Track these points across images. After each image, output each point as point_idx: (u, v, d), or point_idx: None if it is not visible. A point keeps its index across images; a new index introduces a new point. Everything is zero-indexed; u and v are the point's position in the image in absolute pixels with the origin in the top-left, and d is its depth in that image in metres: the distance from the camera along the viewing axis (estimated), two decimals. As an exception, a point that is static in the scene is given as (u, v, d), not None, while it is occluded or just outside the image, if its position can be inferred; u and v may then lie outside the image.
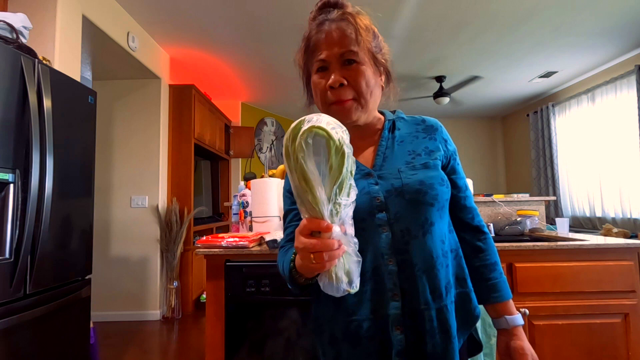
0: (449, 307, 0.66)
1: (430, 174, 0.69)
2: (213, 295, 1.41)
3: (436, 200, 0.67)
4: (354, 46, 0.67)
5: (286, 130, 0.61)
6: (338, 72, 0.68)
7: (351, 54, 0.68)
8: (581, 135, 4.35)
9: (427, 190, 0.66)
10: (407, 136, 0.76)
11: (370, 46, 0.70)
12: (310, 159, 0.50)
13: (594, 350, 1.40)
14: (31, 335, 1.42)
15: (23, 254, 1.36)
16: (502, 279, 0.77)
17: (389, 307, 0.64)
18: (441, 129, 0.79)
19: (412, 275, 0.65)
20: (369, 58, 0.70)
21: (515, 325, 0.74)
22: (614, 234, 3.37)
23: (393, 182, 0.68)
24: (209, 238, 1.48)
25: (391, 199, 0.67)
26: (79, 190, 1.75)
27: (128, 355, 2.55)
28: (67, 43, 2.18)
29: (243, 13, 2.83)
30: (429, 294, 0.65)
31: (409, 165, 0.71)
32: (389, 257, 0.65)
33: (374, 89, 0.70)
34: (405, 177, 0.68)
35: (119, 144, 3.42)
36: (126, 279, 3.33)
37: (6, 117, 1.33)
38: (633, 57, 3.65)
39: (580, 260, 1.44)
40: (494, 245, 0.80)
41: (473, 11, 2.85)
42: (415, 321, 0.64)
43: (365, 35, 0.69)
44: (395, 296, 0.64)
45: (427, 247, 0.66)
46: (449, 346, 0.65)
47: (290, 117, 6.09)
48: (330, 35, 0.68)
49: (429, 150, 0.74)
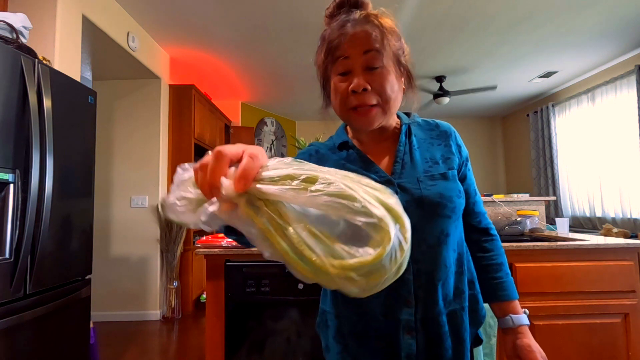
0: (460, 311, 0.68)
1: (449, 186, 0.68)
2: (213, 295, 1.41)
3: (454, 213, 0.67)
4: (379, 50, 0.64)
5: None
6: (362, 76, 0.64)
7: (376, 59, 0.64)
8: (581, 135, 4.35)
9: (446, 203, 0.66)
10: (423, 142, 0.75)
11: (395, 49, 0.68)
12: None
13: (594, 351, 1.40)
14: (31, 335, 1.42)
15: (23, 254, 1.36)
16: (508, 279, 0.78)
17: (402, 312, 0.65)
18: (455, 135, 0.77)
19: (426, 284, 0.65)
20: (393, 62, 0.67)
21: (521, 324, 0.74)
22: (614, 234, 3.37)
23: (413, 193, 0.67)
24: (209, 238, 1.48)
25: (410, 210, 0.65)
26: (79, 190, 1.75)
27: (128, 355, 2.55)
28: (67, 43, 2.18)
29: (243, 13, 2.83)
30: (441, 300, 0.66)
31: (428, 174, 0.69)
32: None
33: (397, 94, 0.68)
34: (424, 188, 0.67)
35: (119, 144, 3.42)
36: (126, 279, 3.32)
37: (6, 117, 1.33)
38: (633, 57, 3.65)
39: (580, 260, 1.44)
40: (501, 247, 0.81)
41: (473, 11, 2.85)
42: (426, 327, 0.65)
43: (391, 38, 0.66)
44: (409, 302, 0.65)
45: (442, 257, 0.66)
46: (460, 348, 0.67)
47: (290, 117, 6.10)
48: (354, 38, 0.64)
49: (445, 159, 0.73)
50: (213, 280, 1.42)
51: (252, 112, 5.41)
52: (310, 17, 2.87)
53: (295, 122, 6.30)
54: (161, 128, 3.45)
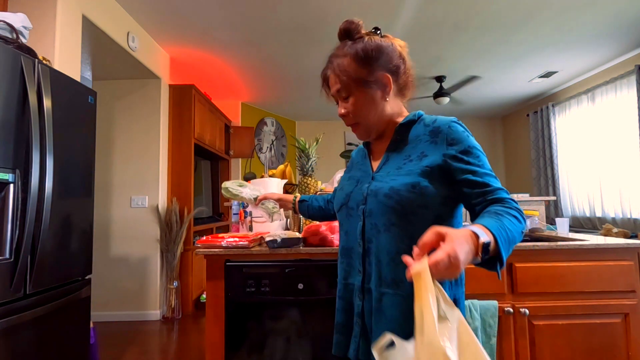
0: (393, 296, 0.76)
1: (404, 181, 0.77)
2: (213, 295, 1.41)
3: (400, 205, 0.76)
4: (339, 87, 0.83)
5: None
6: (341, 105, 0.86)
7: (342, 91, 0.83)
8: (581, 135, 4.35)
9: (392, 195, 0.76)
10: (414, 139, 0.83)
11: (357, 75, 0.81)
12: None
13: (594, 350, 1.40)
14: (31, 335, 1.42)
15: (23, 254, 1.36)
16: (492, 220, 0.64)
17: (355, 278, 0.84)
18: (446, 131, 0.79)
19: (371, 260, 0.80)
20: (358, 86, 0.81)
21: (472, 230, 0.59)
22: (614, 234, 3.37)
23: (376, 184, 0.81)
24: (209, 238, 1.48)
25: (370, 198, 0.81)
26: (79, 190, 1.75)
27: (128, 355, 2.55)
28: (67, 43, 2.18)
29: (243, 13, 2.83)
30: (377, 279, 0.79)
31: (397, 170, 0.80)
32: (360, 241, 0.82)
33: (372, 109, 0.83)
34: (384, 181, 0.80)
35: (119, 144, 3.42)
36: (126, 279, 3.33)
37: (6, 117, 1.33)
38: (633, 57, 3.65)
39: (580, 260, 1.44)
40: (513, 211, 0.68)
41: (473, 11, 2.85)
42: (370, 295, 0.80)
43: (350, 72, 0.81)
44: (359, 272, 0.83)
45: (386, 242, 0.78)
46: (379, 327, 0.76)
47: (290, 117, 6.09)
48: (327, 81, 0.87)
49: (422, 155, 0.79)
50: (213, 280, 1.42)
51: (252, 112, 5.42)
52: (310, 17, 2.87)
53: (295, 122, 6.30)
54: (161, 128, 3.45)
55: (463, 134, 0.78)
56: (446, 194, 0.77)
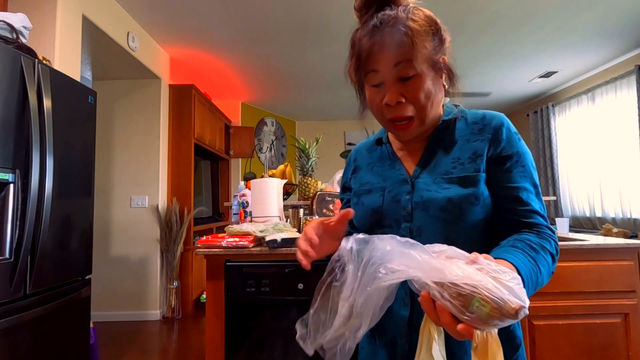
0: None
1: (462, 192, 0.62)
2: (213, 295, 1.41)
3: (462, 221, 0.62)
4: (410, 60, 0.60)
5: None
6: (394, 89, 0.62)
7: (408, 69, 0.60)
8: (581, 135, 4.35)
9: (452, 209, 0.62)
10: (460, 139, 0.68)
11: (428, 52, 0.62)
12: None
13: (594, 351, 1.40)
14: (31, 335, 1.42)
15: (23, 254, 1.36)
16: (517, 253, 0.55)
17: (399, 313, 0.65)
18: (499, 128, 0.66)
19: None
20: (427, 65, 0.62)
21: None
22: (614, 234, 3.37)
23: (422, 194, 0.64)
24: (209, 238, 1.48)
25: (417, 212, 0.64)
26: (79, 190, 1.75)
27: (128, 355, 2.55)
28: (67, 43, 2.18)
29: (243, 13, 2.83)
30: None
31: (447, 176, 0.65)
32: None
33: (434, 98, 0.64)
34: (435, 191, 0.64)
35: (119, 144, 3.42)
36: (126, 279, 3.32)
37: (6, 117, 1.33)
38: (633, 57, 3.65)
39: (580, 260, 1.44)
40: (553, 253, 0.59)
41: (473, 11, 2.85)
42: (416, 335, 0.63)
43: (423, 41, 0.61)
44: (406, 305, 0.65)
45: None
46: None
47: (290, 117, 6.09)
48: (383, 49, 0.61)
49: (475, 157, 0.65)
50: (213, 280, 1.42)
51: (252, 112, 5.42)
52: (310, 17, 2.87)
53: (295, 122, 6.30)
54: (161, 128, 3.45)
55: (515, 136, 0.66)
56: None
